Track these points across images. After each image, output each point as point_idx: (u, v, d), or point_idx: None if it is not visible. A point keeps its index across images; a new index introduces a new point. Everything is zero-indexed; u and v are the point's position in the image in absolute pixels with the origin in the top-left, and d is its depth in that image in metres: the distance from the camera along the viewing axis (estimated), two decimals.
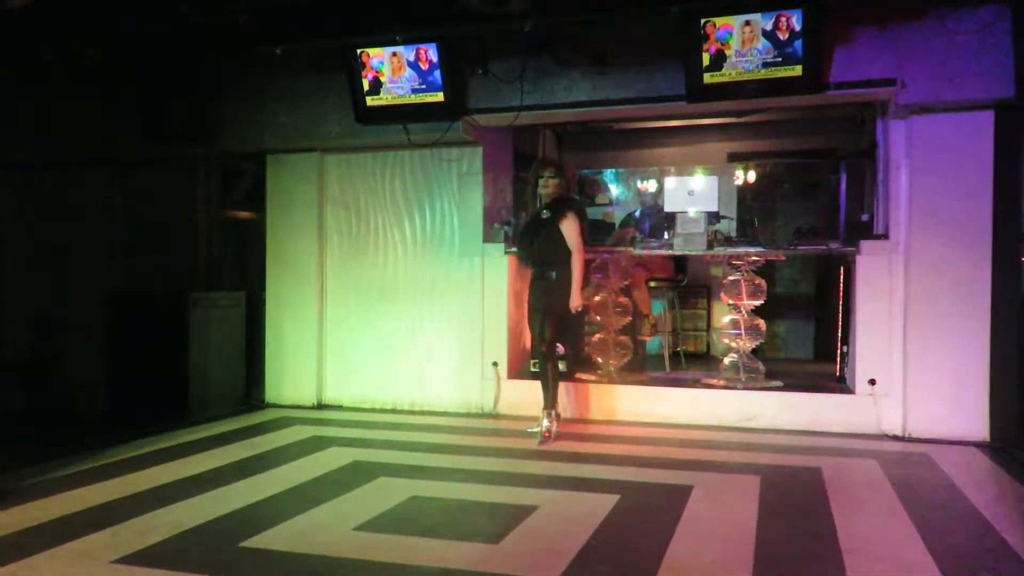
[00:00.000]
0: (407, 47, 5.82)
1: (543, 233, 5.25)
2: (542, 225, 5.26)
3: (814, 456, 4.91)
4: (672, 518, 3.69)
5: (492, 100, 6.05)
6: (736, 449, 5.14)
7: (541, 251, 5.27)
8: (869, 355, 5.62)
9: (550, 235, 5.23)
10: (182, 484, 4.32)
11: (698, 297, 8.26)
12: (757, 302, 6.18)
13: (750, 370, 6.13)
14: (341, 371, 6.79)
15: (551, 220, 5.22)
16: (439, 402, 6.45)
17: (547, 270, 5.28)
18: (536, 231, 5.29)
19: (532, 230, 5.33)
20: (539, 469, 4.63)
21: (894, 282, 5.53)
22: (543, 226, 5.25)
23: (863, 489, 4.24)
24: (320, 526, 3.63)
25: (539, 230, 5.27)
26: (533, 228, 5.32)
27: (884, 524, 3.65)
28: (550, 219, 5.23)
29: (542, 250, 5.27)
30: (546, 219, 5.25)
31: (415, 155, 6.56)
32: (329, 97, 6.41)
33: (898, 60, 5.24)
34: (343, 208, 6.80)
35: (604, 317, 6.51)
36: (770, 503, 3.94)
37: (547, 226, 5.24)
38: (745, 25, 5.20)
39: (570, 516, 3.76)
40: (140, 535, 3.46)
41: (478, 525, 3.73)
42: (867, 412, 5.57)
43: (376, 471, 4.57)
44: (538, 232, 5.27)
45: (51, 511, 3.80)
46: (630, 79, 5.79)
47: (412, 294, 6.57)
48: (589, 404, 6.16)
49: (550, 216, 5.23)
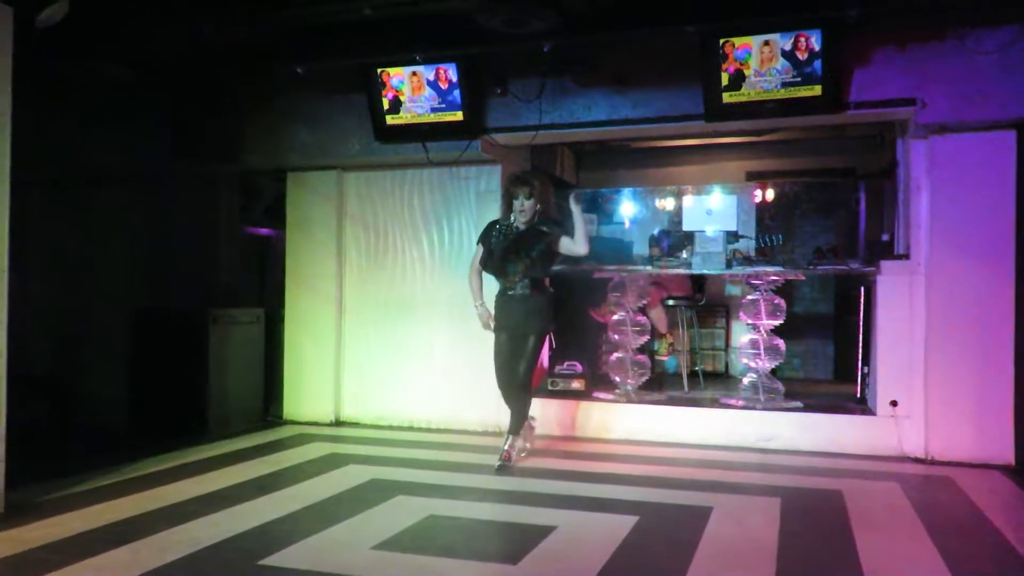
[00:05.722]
0: (427, 66, 5.87)
1: (532, 251, 4.94)
2: (527, 242, 4.95)
3: (835, 478, 4.86)
4: (692, 540, 3.66)
5: (511, 119, 6.09)
6: (755, 470, 5.10)
7: (527, 271, 4.96)
8: (890, 376, 5.57)
9: (543, 253, 4.97)
10: (201, 500, 4.33)
11: (716, 316, 8.23)
12: (776, 322, 6.15)
13: (769, 390, 6.09)
14: (359, 388, 6.80)
15: (540, 239, 4.94)
16: (456, 420, 6.44)
17: (532, 290, 5.00)
18: (517, 249, 4.95)
19: (511, 247, 4.96)
20: (557, 489, 4.61)
21: (915, 303, 5.48)
22: (529, 243, 4.95)
23: (885, 512, 4.19)
24: (338, 544, 3.62)
25: (522, 248, 4.94)
26: (513, 244, 4.97)
27: (907, 548, 3.61)
28: (539, 237, 4.94)
29: (530, 270, 4.97)
30: (532, 236, 4.95)
31: (433, 173, 6.59)
32: (349, 116, 6.47)
33: (918, 80, 5.23)
34: (362, 225, 6.84)
35: (622, 336, 6.49)
36: (791, 525, 3.91)
37: (536, 244, 4.94)
38: (764, 45, 5.21)
39: (589, 537, 3.74)
40: (160, 552, 3.47)
41: (496, 545, 3.72)
42: (888, 434, 5.51)
43: (394, 489, 4.56)
44: (520, 250, 4.94)
45: (72, 527, 3.82)
46: (649, 98, 5.81)
47: (430, 312, 6.58)
48: (606, 423, 6.13)
49: (541, 235, 4.95)
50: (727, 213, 6.20)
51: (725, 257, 6.13)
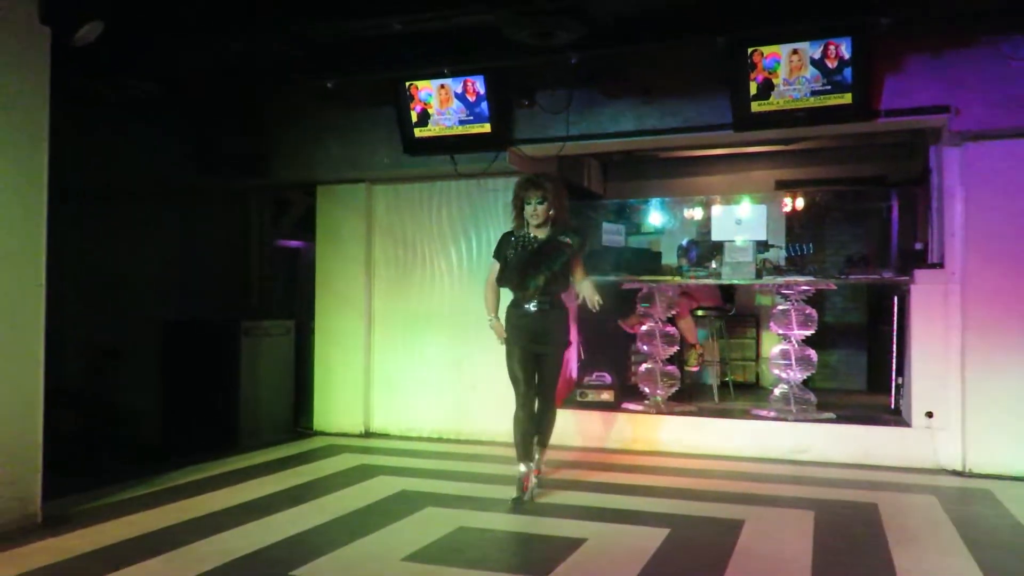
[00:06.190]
0: (455, 79, 5.90)
1: (554, 264, 4.54)
2: (548, 255, 4.55)
3: (870, 491, 4.78)
4: (724, 553, 3.62)
5: (538, 131, 6.10)
6: (788, 482, 5.04)
7: (549, 285, 4.56)
8: (925, 387, 5.48)
9: (563, 266, 4.59)
10: (233, 511, 4.37)
11: (746, 326, 8.16)
12: (807, 332, 6.08)
13: (801, 401, 6.02)
14: (388, 399, 6.83)
15: (562, 251, 4.56)
16: (485, 431, 6.43)
17: (551, 304, 4.62)
18: (537, 263, 4.55)
19: (532, 260, 4.57)
20: (587, 501, 4.58)
21: (950, 312, 5.39)
22: (551, 256, 4.55)
23: (922, 526, 4.12)
24: (368, 556, 3.63)
25: (542, 261, 4.54)
26: (533, 258, 4.57)
27: (945, 563, 3.54)
28: (561, 249, 4.56)
29: (551, 284, 4.58)
30: (552, 249, 4.56)
31: (461, 185, 6.62)
32: (378, 129, 6.51)
33: (950, 87, 5.16)
34: (390, 238, 6.88)
35: (651, 347, 6.46)
36: (825, 539, 3.85)
37: (558, 257, 4.55)
38: (793, 54, 5.18)
39: (619, 550, 3.71)
40: (193, 562, 3.50)
41: (526, 557, 3.70)
42: (924, 446, 5.42)
43: (423, 501, 4.57)
44: (541, 263, 4.54)
45: (106, 538, 3.87)
46: (676, 108, 5.79)
47: (458, 323, 6.59)
48: (636, 435, 6.09)
49: (563, 246, 4.57)
50: (756, 222, 6.16)
51: (755, 267, 6.08)
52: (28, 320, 4.09)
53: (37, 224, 4.15)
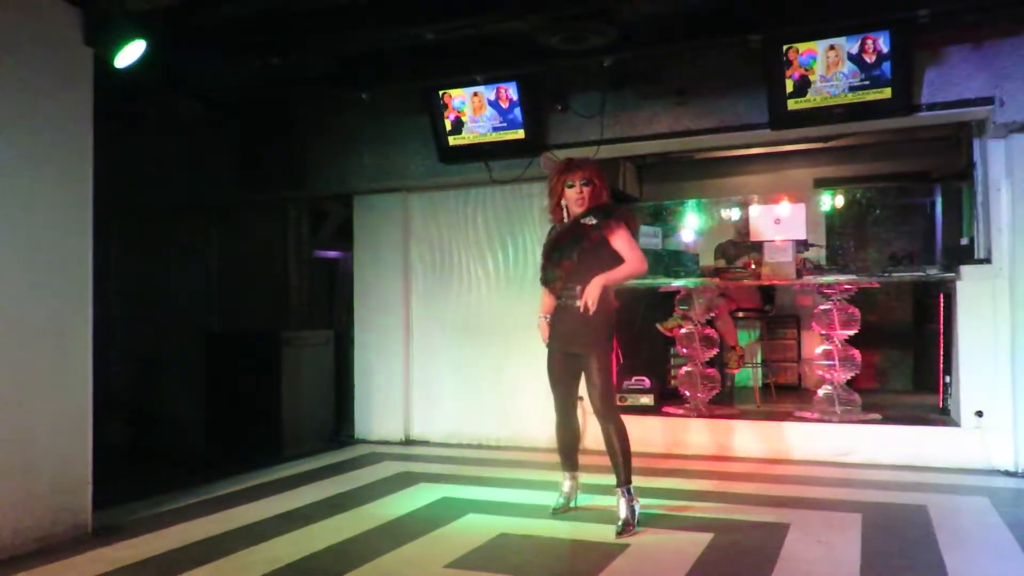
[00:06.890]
0: (487, 86, 5.92)
1: (567, 252, 4.09)
2: (579, 241, 4.08)
3: (919, 493, 4.68)
4: (769, 558, 3.57)
5: (572, 135, 6.09)
6: (834, 485, 4.95)
7: (570, 276, 4.09)
8: (974, 386, 5.35)
9: (596, 253, 4.06)
10: (278, 520, 4.42)
11: (787, 327, 8.04)
12: (850, 331, 5.98)
13: (845, 402, 5.92)
14: (427, 407, 6.86)
15: (596, 235, 4.06)
16: (525, 437, 6.43)
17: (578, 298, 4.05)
18: (571, 249, 4.08)
19: (568, 247, 4.11)
20: None
21: (999, 308, 5.27)
22: (581, 242, 4.07)
23: (975, 529, 4.03)
24: (411, 563, 3.65)
25: (575, 247, 4.08)
26: (568, 245, 4.11)
27: (1000, 567, 3.45)
28: (594, 233, 4.06)
29: (573, 274, 4.08)
30: (586, 233, 4.08)
31: (496, 191, 6.64)
32: (412, 138, 6.56)
33: (995, 78, 5.04)
34: (427, 245, 6.92)
35: (690, 349, 6.40)
36: (874, 543, 3.77)
37: (590, 242, 4.06)
38: (829, 50, 5.10)
39: (662, 556, 3.68)
40: (240, 571, 3.55)
41: (568, 564, 3.68)
42: (974, 446, 5.29)
43: (465, 507, 4.58)
44: (573, 250, 4.08)
45: (155, 547, 3.93)
46: (712, 108, 5.74)
47: (496, 329, 6.60)
48: (676, 439, 6.04)
49: (594, 229, 4.07)
50: (795, 222, 6.06)
51: (795, 267, 6.00)
52: (76, 334, 4.18)
53: (83, 240, 4.24)
